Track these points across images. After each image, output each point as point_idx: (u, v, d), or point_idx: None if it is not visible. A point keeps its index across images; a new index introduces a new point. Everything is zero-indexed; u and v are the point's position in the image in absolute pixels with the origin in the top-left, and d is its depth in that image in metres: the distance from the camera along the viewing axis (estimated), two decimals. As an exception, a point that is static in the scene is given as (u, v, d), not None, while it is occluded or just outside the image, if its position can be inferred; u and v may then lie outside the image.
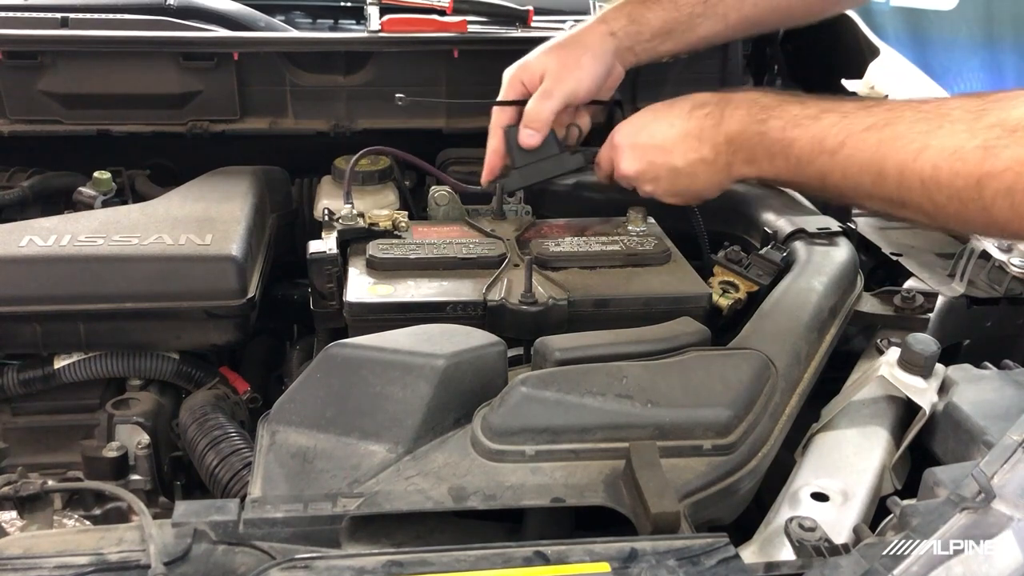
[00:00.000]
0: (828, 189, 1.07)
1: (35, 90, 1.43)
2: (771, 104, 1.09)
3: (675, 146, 1.13)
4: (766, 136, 1.08)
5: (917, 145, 0.98)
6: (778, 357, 0.95)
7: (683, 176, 1.14)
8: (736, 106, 1.11)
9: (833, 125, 1.03)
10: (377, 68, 1.51)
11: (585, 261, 1.14)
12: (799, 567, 0.70)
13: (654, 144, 1.14)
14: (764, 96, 1.11)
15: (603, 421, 0.84)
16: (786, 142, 1.06)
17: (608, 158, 1.19)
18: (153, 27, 1.50)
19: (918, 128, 0.98)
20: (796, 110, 1.07)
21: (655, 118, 1.16)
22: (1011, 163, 0.91)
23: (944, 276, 1.23)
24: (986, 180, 0.93)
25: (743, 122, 1.09)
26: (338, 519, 0.74)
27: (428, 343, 0.88)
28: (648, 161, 1.14)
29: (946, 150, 0.96)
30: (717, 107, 1.12)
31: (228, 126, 1.48)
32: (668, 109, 1.16)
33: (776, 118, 1.07)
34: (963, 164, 0.94)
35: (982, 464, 0.74)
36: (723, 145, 1.11)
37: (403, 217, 1.19)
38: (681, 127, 1.13)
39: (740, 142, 1.10)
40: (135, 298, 1.10)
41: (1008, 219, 0.93)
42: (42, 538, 0.74)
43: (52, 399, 1.16)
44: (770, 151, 1.08)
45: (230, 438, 1.05)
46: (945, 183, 0.96)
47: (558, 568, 0.66)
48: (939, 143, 0.96)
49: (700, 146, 1.12)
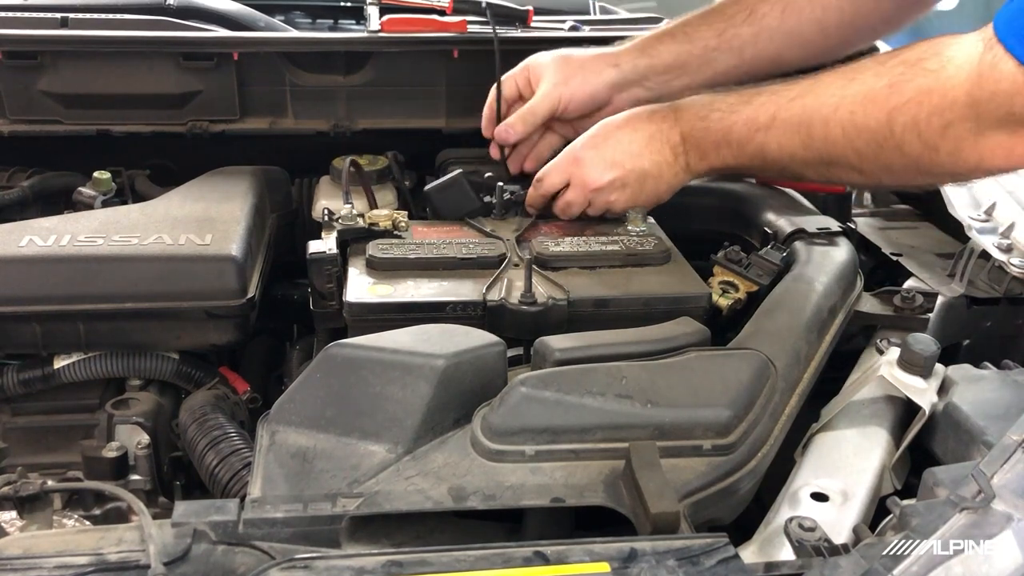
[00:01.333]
0: (768, 165, 1.15)
1: (35, 90, 1.42)
2: (710, 100, 1.17)
3: (643, 150, 1.18)
4: (709, 129, 1.15)
5: (835, 99, 1.05)
6: (778, 357, 0.95)
7: (650, 178, 1.20)
8: (684, 109, 1.19)
9: (763, 103, 1.12)
10: (377, 68, 1.51)
11: (585, 261, 1.14)
12: (799, 567, 0.70)
13: (623, 150, 1.19)
14: (708, 95, 1.19)
15: (603, 421, 0.84)
16: (725, 129, 1.14)
17: (563, 173, 1.22)
18: (153, 27, 1.50)
19: (836, 84, 1.06)
20: (732, 99, 1.15)
21: (617, 128, 1.21)
22: (914, 94, 0.98)
23: (944, 276, 1.23)
24: (894, 115, 1.00)
25: (691, 121, 1.17)
26: (338, 519, 0.74)
27: (428, 343, 0.88)
28: (620, 168, 1.19)
29: (859, 95, 1.03)
30: (671, 111, 1.19)
31: (228, 126, 1.48)
32: (626, 120, 1.22)
33: (716, 111, 1.16)
34: (873, 104, 1.01)
35: (982, 464, 0.74)
36: (679, 145, 1.18)
37: (403, 217, 1.19)
38: (645, 131, 1.19)
39: (691, 140, 1.17)
40: (135, 298, 1.10)
41: (919, 153, 1.00)
42: (42, 538, 0.74)
43: (52, 399, 1.16)
44: (715, 142, 1.16)
45: (230, 438, 1.05)
46: (862, 126, 1.03)
47: (558, 568, 0.66)
48: (853, 91, 1.03)
49: (662, 148, 1.18)
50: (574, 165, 1.21)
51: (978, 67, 0.91)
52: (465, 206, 1.27)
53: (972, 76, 0.92)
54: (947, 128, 0.95)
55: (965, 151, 0.96)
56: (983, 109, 0.92)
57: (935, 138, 0.97)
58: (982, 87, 0.91)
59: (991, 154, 0.95)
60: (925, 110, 0.96)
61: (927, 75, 0.96)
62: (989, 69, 0.90)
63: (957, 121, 0.95)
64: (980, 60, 0.91)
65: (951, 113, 0.94)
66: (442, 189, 1.28)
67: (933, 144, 0.97)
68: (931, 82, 0.96)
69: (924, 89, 0.96)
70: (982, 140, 0.95)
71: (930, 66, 0.96)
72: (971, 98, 0.93)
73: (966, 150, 0.96)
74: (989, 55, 0.91)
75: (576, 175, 1.21)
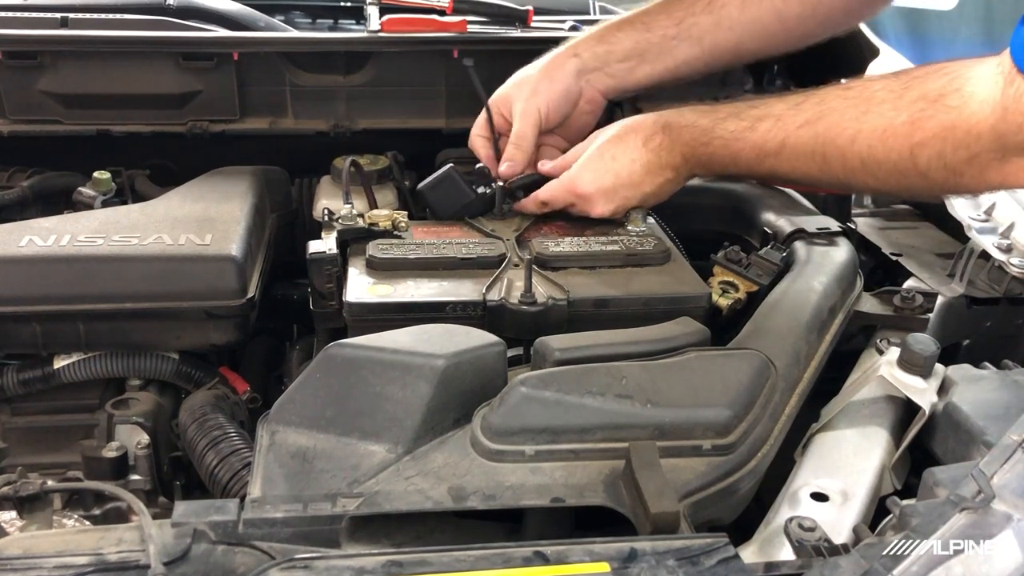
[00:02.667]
0: (779, 181, 1.19)
1: (35, 90, 1.42)
2: (708, 126, 1.17)
3: (643, 179, 1.20)
4: (714, 155, 1.17)
5: (851, 131, 1.05)
6: (778, 357, 0.95)
7: (652, 197, 1.23)
8: (680, 131, 1.19)
9: (769, 131, 1.12)
10: (377, 68, 1.50)
11: (585, 261, 1.14)
12: (799, 567, 0.70)
13: (623, 183, 1.20)
14: (700, 117, 1.18)
15: (603, 421, 0.84)
16: (732, 155, 1.15)
17: (565, 201, 1.24)
18: (153, 27, 1.50)
19: (849, 115, 1.06)
20: (732, 125, 1.15)
21: (613, 158, 1.21)
22: (937, 130, 0.98)
23: (944, 276, 1.23)
24: (918, 150, 1.01)
25: (691, 145, 1.18)
26: (338, 519, 0.74)
27: (428, 343, 0.88)
28: (622, 197, 1.21)
29: (877, 130, 1.03)
30: (665, 136, 1.19)
31: (228, 126, 1.48)
32: (621, 147, 1.21)
33: (717, 138, 1.16)
34: (895, 139, 1.01)
35: (982, 464, 0.74)
36: (681, 165, 1.20)
37: (403, 217, 1.19)
38: (642, 161, 1.20)
39: (694, 160, 1.19)
40: (135, 298, 1.10)
41: (944, 179, 1.02)
42: (42, 538, 0.74)
43: (52, 399, 1.16)
44: (722, 163, 1.17)
45: (230, 438, 1.05)
46: (882, 159, 1.04)
47: (558, 568, 0.66)
48: (870, 125, 1.03)
49: (663, 171, 1.20)
50: (576, 198, 1.22)
51: (1002, 101, 0.92)
52: (460, 200, 1.27)
53: (997, 111, 0.92)
54: (973, 158, 0.96)
55: (989, 175, 0.98)
56: (1010, 141, 0.93)
57: (961, 166, 0.98)
58: (1007, 121, 0.92)
59: (1015, 176, 0.97)
60: (950, 145, 0.97)
61: (949, 112, 0.96)
62: (1014, 103, 0.91)
63: (983, 152, 0.95)
64: (1003, 95, 0.92)
65: (977, 146, 0.95)
66: (435, 186, 1.28)
67: (959, 171, 0.98)
68: (954, 118, 0.96)
69: (948, 125, 0.97)
70: (1007, 166, 0.96)
71: (951, 103, 0.96)
72: (996, 132, 0.93)
73: (990, 174, 0.98)
74: (1011, 89, 0.91)
75: (578, 204, 1.23)
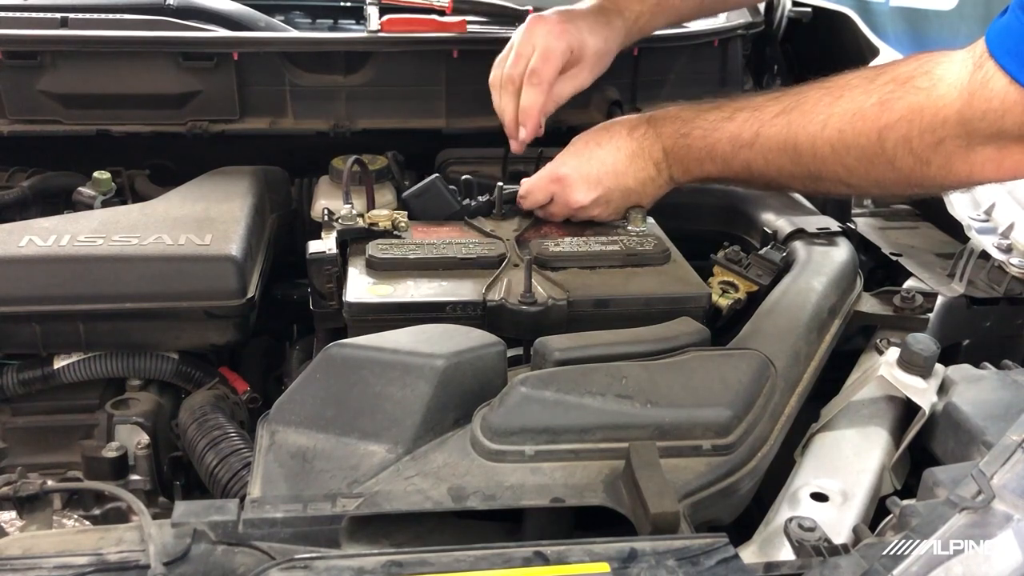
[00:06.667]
0: (755, 178, 1.15)
1: (35, 90, 1.42)
2: (691, 117, 1.17)
3: (627, 168, 1.20)
4: (692, 147, 1.16)
5: (823, 116, 1.05)
6: (778, 357, 0.95)
7: (634, 194, 1.22)
8: (663, 124, 1.19)
9: (746, 120, 1.12)
10: (377, 68, 1.50)
11: (585, 261, 1.14)
12: (799, 567, 0.70)
13: (606, 170, 1.20)
14: (684, 110, 1.19)
15: (603, 421, 0.84)
16: (709, 147, 1.15)
17: (546, 191, 1.23)
18: (153, 27, 1.49)
19: (823, 102, 1.06)
20: (713, 116, 1.16)
21: (598, 146, 1.21)
22: (904, 112, 0.98)
23: (944, 276, 1.23)
24: (885, 132, 1.00)
25: (672, 137, 1.18)
26: (338, 519, 0.74)
27: (428, 343, 0.88)
28: (604, 187, 1.20)
29: (847, 113, 1.03)
30: (650, 126, 1.20)
31: (228, 126, 1.48)
32: (607, 136, 1.22)
33: (697, 128, 1.16)
34: (863, 122, 1.01)
35: (982, 464, 0.74)
36: (662, 161, 1.19)
37: (403, 217, 1.19)
38: (627, 149, 1.20)
39: (674, 155, 1.18)
40: (135, 298, 1.10)
41: (911, 167, 1.01)
42: (41, 538, 0.74)
43: (52, 399, 1.16)
44: (698, 158, 1.16)
45: (229, 438, 1.05)
46: (852, 144, 1.03)
47: (558, 568, 0.66)
48: (841, 109, 1.04)
49: (646, 164, 1.19)
50: (557, 184, 1.21)
51: (969, 86, 0.92)
52: (443, 210, 1.27)
53: (963, 95, 0.93)
54: (939, 144, 0.96)
55: (956, 165, 0.97)
56: (974, 127, 0.93)
57: (927, 153, 0.98)
58: (973, 106, 0.92)
59: (980, 167, 0.97)
60: (917, 128, 0.97)
61: (918, 93, 0.97)
62: (980, 87, 0.91)
63: (949, 138, 0.96)
64: (971, 79, 0.92)
65: (943, 131, 0.95)
66: (419, 195, 1.29)
67: (925, 159, 0.98)
68: (922, 100, 0.96)
69: (915, 107, 0.97)
70: (972, 155, 0.96)
71: (920, 84, 0.97)
72: (962, 116, 0.93)
73: (956, 164, 0.97)
74: (980, 73, 0.91)
75: (559, 194, 1.22)
